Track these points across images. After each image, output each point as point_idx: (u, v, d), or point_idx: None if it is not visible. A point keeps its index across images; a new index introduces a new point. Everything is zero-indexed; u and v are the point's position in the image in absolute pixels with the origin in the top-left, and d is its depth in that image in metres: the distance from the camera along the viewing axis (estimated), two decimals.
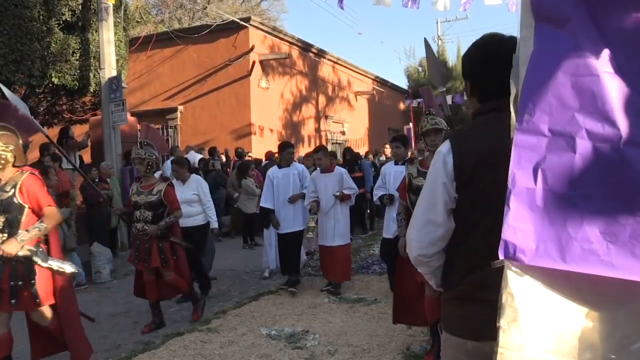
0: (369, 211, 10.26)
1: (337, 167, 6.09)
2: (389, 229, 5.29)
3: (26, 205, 3.34)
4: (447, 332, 1.63)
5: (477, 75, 1.61)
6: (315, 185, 5.88)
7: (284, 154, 6.26)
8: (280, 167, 6.22)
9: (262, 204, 6.25)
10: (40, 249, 3.38)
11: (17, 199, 3.31)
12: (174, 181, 5.59)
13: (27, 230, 3.29)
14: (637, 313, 1.20)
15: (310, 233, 5.86)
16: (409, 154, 5.69)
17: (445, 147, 1.58)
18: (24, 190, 3.33)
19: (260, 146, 12.42)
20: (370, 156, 12.97)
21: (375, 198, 5.70)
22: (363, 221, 10.18)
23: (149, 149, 4.79)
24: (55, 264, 3.41)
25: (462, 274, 1.52)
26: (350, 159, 10.20)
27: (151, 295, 4.85)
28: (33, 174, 3.43)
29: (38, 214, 3.39)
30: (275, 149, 12.30)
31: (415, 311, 3.90)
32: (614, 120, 1.12)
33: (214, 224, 6.01)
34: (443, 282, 1.66)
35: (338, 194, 5.79)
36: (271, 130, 13.71)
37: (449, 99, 17.68)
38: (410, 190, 3.77)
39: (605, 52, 1.13)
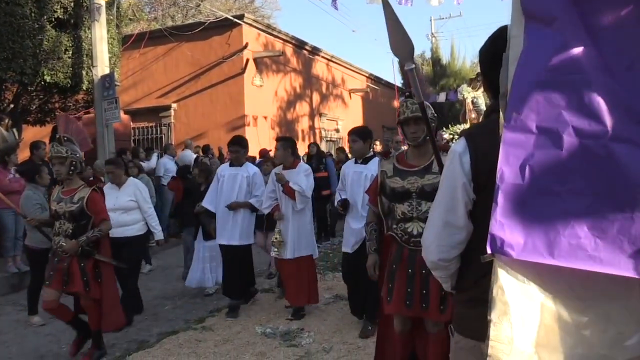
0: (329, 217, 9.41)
1: (301, 164, 5.13)
2: (347, 241, 4.47)
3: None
4: (460, 334, 1.60)
5: (489, 71, 1.54)
6: (275, 184, 4.92)
7: (230, 150, 5.41)
8: (231, 165, 5.34)
9: (204, 204, 5.31)
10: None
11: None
12: (109, 185, 5.11)
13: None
14: (631, 309, 1.21)
15: (276, 250, 4.85)
16: (374, 148, 5.07)
17: (460, 146, 1.52)
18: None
19: (254, 144, 12.39)
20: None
21: (335, 202, 4.82)
22: (327, 227, 9.40)
23: (70, 145, 3.92)
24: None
25: (478, 276, 1.47)
26: (315, 156, 9.25)
27: (64, 314, 4.08)
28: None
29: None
30: (270, 146, 12.32)
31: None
32: (601, 117, 1.13)
33: (158, 235, 5.23)
34: (457, 284, 1.63)
35: (279, 173, 4.83)
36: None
37: (442, 96, 17.82)
38: (383, 193, 3.04)
39: (593, 49, 1.14)
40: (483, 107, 12.19)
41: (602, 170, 1.13)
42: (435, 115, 3.03)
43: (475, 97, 12.12)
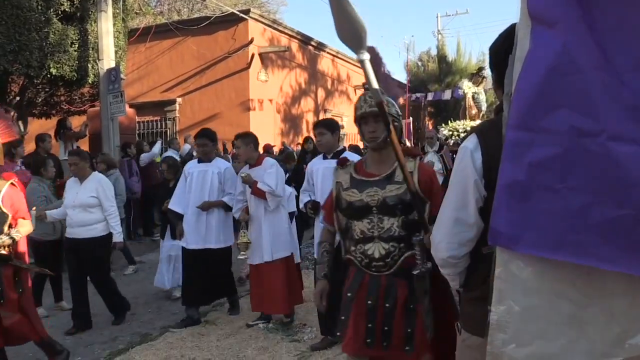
0: None
1: (267, 159, 4.58)
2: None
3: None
4: (467, 331, 1.61)
5: (501, 67, 1.50)
6: (244, 185, 4.50)
7: (197, 144, 4.94)
8: (199, 161, 4.87)
9: (170, 206, 4.86)
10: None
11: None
12: (72, 179, 4.74)
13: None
14: (635, 306, 1.22)
15: (243, 253, 4.42)
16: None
17: (471, 142, 1.51)
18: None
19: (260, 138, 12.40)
20: None
21: (301, 204, 4.31)
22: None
23: None
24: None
25: (486, 274, 1.46)
26: (312, 152, 7.85)
27: None
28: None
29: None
30: (274, 142, 12.33)
31: None
32: (601, 116, 1.14)
33: (117, 237, 4.72)
34: (465, 283, 1.64)
35: (244, 175, 4.37)
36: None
37: (447, 93, 17.76)
38: (338, 208, 2.50)
39: (595, 50, 1.15)
40: (483, 103, 12.00)
41: (600, 169, 1.15)
42: (400, 114, 2.58)
43: (476, 93, 11.95)
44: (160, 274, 5.62)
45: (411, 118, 14.26)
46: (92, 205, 4.60)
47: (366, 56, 1.77)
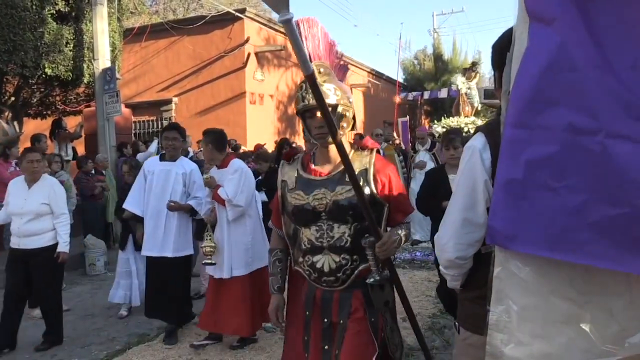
0: None
1: (233, 162, 4.04)
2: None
3: None
4: (468, 330, 1.61)
5: (503, 65, 1.48)
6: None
7: (165, 137, 4.32)
8: (162, 159, 4.40)
9: (125, 206, 4.42)
10: None
11: None
12: (17, 180, 4.22)
13: None
14: (634, 305, 1.22)
15: (209, 259, 3.92)
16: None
17: (479, 141, 1.49)
18: None
19: (256, 138, 12.39)
20: None
21: None
22: None
23: None
24: None
25: (486, 273, 1.44)
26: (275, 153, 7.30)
27: None
28: None
29: None
30: (272, 141, 12.31)
31: None
32: (598, 114, 1.14)
33: (64, 247, 4.16)
34: (467, 282, 1.63)
35: (206, 177, 3.99)
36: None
37: (444, 92, 17.77)
38: (284, 211, 2.17)
39: (593, 49, 1.15)
40: (476, 99, 11.85)
41: (597, 167, 1.14)
42: (352, 100, 2.10)
43: (469, 89, 11.79)
44: (118, 288, 5.11)
45: (407, 117, 14.26)
46: (43, 213, 4.10)
47: (289, 16, 1.48)
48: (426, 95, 19.08)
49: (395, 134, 12.73)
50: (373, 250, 1.92)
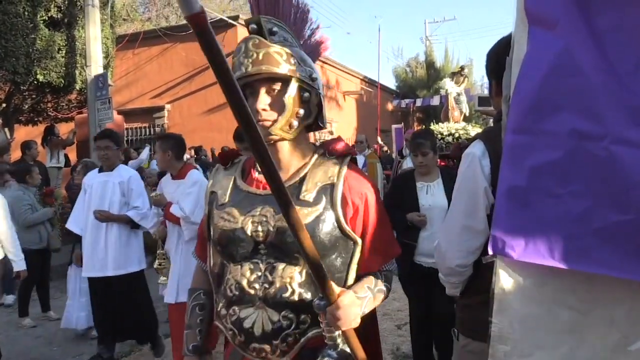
0: None
1: (191, 173, 3.65)
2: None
3: None
4: (468, 337, 1.59)
5: (501, 72, 1.43)
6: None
7: (98, 147, 4.02)
8: (100, 170, 4.08)
9: (68, 225, 4.11)
10: None
11: None
12: None
13: None
14: (635, 312, 1.21)
15: (164, 278, 3.62)
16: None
17: (478, 149, 1.48)
18: None
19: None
20: None
21: None
22: None
23: None
24: None
25: (486, 280, 1.38)
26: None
27: None
28: None
29: None
30: None
31: None
32: (602, 119, 1.12)
33: (19, 265, 3.82)
34: (467, 288, 1.62)
35: (155, 195, 3.60)
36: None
37: (436, 99, 17.87)
38: (209, 236, 1.50)
39: (596, 52, 1.14)
40: (465, 104, 11.69)
41: (602, 173, 1.13)
42: (318, 81, 1.44)
43: (458, 94, 11.60)
44: (69, 312, 4.56)
45: (402, 124, 14.29)
46: None
47: None
48: (419, 102, 19.17)
49: (380, 140, 12.61)
50: (328, 316, 1.24)
